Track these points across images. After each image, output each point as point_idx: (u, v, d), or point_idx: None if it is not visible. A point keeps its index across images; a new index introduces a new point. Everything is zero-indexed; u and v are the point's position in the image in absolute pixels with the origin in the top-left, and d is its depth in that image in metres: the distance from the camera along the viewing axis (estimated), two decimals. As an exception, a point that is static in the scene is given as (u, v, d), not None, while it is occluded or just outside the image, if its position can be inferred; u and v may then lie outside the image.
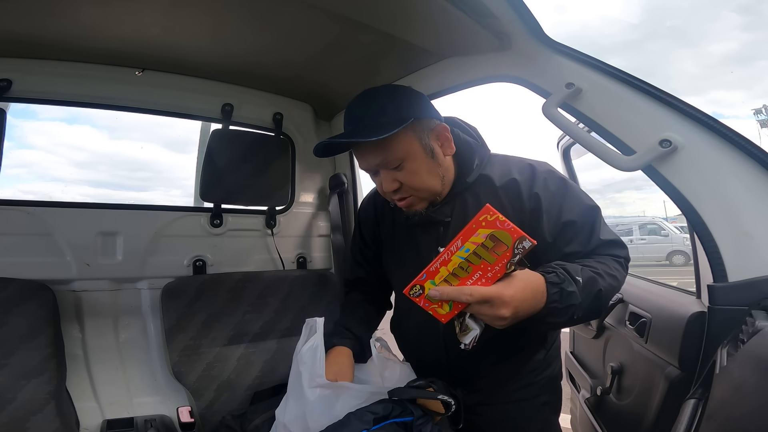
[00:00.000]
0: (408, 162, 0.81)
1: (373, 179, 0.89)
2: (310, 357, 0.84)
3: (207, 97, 1.38)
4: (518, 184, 0.84)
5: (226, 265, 1.39)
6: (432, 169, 0.84)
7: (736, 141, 0.71)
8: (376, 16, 0.97)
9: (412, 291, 0.66)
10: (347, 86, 1.35)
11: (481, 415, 0.94)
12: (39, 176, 24.80)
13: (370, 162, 0.83)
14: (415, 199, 0.85)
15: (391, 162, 0.81)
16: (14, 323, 1.00)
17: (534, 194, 0.82)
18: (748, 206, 0.71)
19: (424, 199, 0.86)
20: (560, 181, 0.84)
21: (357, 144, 0.82)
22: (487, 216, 0.63)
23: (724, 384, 0.53)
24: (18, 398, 0.93)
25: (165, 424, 1.14)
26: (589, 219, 0.81)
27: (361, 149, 0.82)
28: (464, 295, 0.63)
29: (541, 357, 0.96)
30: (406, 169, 0.81)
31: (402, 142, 0.80)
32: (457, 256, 0.64)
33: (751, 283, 0.69)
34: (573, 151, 1.75)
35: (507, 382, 0.94)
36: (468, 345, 0.68)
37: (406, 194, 0.84)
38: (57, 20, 1.00)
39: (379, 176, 0.85)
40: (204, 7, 0.98)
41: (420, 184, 0.83)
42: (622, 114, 0.81)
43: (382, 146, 0.79)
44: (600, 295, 0.72)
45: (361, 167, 0.87)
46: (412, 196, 0.85)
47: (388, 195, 0.86)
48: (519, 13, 0.83)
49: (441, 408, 0.78)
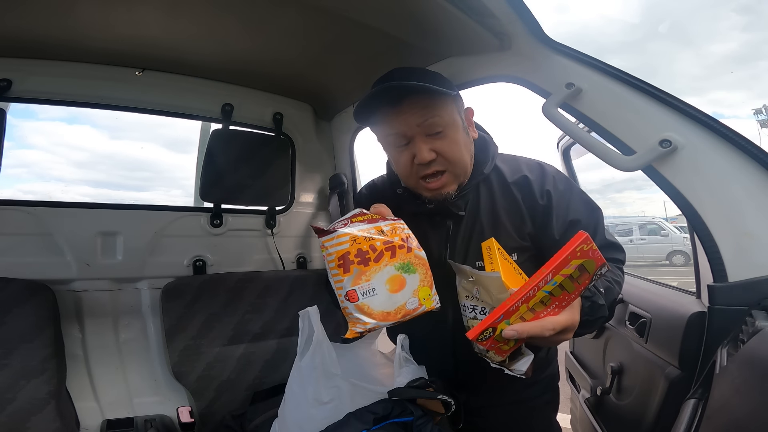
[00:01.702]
0: (449, 130, 0.79)
1: (398, 155, 0.82)
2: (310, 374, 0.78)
3: (207, 97, 1.38)
4: (530, 181, 0.86)
5: (226, 265, 1.39)
6: (467, 145, 0.83)
7: (736, 141, 0.71)
8: (376, 16, 0.97)
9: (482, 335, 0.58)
10: (347, 86, 1.35)
11: (486, 417, 0.94)
12: (39, 176, 24.85)
13: (412, 121, 0.77)
14: (449, 176, 0.81)
15: (436, 125, 0.77)
16: (14, 323, 1.00)
17: (546, 191, 0.84)
18: (748, 206, 0.71)
19: (457, 177, 0.83)
20: (567, 181, 0.87)
21: (399, 101, 0.77)
22: (584, 246, 0.57)
23: (724, 384, 0.53)
24: (18, 398, 0.93)
25: (165, 424, 1.14)
26: (593, 220, 0.84)
27: (405, 109, 0.77)
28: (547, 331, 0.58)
29: (543, 355, 0.96)
30: (448, 137, 0.78)
31: (447, 109, 0.79)
32: (543, 291, 0.58)
33: (751, 283, 0.69)
34: (573, 151, 1.75)
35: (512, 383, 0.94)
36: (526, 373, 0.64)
37: (442, 167, 0.80)
38: (57, 20, 1.00)
39: (410, 147, 0.79)
40: (204, 7, 0.98)
41: (458, 156, 0.80)
42: (622, 114, 0.81)
43: (431, 106, 0.77)
44: (615, 303, 0.75)
45: (397, 130, 0.79)
46: (447, 172, 0.80)
47: (417, 170, 0.80)
48: (519, 13, 0.83)
49: (441, 408, 0.78)
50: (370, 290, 0.62)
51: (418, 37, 1.03)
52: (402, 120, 0.78)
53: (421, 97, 0.77)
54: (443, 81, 0.82)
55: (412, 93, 0.77)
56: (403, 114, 0.78)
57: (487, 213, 0.87)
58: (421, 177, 0.81)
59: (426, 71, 0.85)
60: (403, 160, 0.81)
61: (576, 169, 1.82)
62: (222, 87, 1.39)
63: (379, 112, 0.81)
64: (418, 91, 0.76)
